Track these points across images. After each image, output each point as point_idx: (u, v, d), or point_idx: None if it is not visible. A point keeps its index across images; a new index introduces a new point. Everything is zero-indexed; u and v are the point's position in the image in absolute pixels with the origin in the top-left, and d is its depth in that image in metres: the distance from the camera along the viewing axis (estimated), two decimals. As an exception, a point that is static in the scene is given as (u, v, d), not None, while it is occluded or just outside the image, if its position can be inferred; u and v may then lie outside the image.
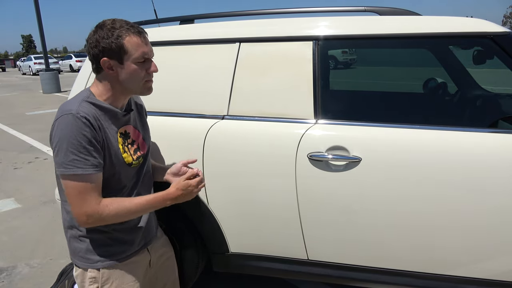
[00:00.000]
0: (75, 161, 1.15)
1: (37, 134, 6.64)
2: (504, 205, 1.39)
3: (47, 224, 3.16)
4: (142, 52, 1.22)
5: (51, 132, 1.19)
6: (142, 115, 1.47)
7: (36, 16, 12.76)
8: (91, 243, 1.28)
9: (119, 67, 1.21)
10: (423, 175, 1.45)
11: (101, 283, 1.30)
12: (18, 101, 12.01)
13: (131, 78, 1.23)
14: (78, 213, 1.19)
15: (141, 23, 2.00)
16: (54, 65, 22.57)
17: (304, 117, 1.61)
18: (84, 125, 1.16)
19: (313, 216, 1.60)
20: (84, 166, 1.16)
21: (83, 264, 1.30)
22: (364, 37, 1.61)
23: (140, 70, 1.23)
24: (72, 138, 1.14)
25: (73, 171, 1.15)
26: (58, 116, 1.18)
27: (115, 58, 1.20)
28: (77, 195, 1.17)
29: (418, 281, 1.58)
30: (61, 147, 1.15)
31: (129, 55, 1.20)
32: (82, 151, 1.15)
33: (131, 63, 1.21)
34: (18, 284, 2.34)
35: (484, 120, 1.81)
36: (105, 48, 1.19)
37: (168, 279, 1.59)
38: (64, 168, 1.15)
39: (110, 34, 1.18)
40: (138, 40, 1.21)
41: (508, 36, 1.49)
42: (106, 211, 1.19)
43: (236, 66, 1.71)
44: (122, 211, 1.22)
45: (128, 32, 1.20)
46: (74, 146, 1.14)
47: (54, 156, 1.19)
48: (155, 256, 1.49)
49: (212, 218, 1.72)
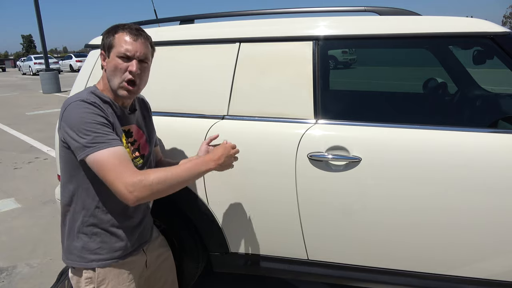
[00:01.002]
0: (97, 137, 1.14)
1: (37, 134, 6.64)
2: (504, 205, 1.39)
3: (47, 224, 3.16)
4: (126, 49, 1.24)
5: (61, 122, 1.19)
6: (147, 116, 1.49)
7: (36, 16, 12.76)
8: (88, 241, 1.28)
9: (107, 60, 1.27)
10: (423, 175, 1.45)
11: (97, 283, 1.30)
12: (18, 101, 12.01)
13: (111, 71, 1.26)
14: (121, 188, 1.11)
15: (141, 23, 2.00)
16: (54, 65, 22.58)
17: (304, 117, 1.61)
18: (95, 108, 1.18)
19: (313, 216, 1.60)
20: (107, 141, 1.15)
21: (78, 264, 1.30)
22: (364, 37, 1.61)
23: (120, 65, 1.24)
24: (87, 118, 1.15)
25: (99, 146, 1.13)
26: (66, 105, 1.19)
27: (106, 51, 1.27)
28: (111, 171, 1.11)
29: (418, 281, 1.58)
30: (78, 131, 1.14)
31: (114, 49, 1.25)
32: (100, 128, 1.16)
33: (114, 56, 1.25)
34: (18, 284, 2.34)
35: (484, 120, 1.80)
36: (104, 42, 1.28)
37: (167, 280, 1.59)
38: (88, 148, 1.13)
39: (111, 32, 1.27)
40: (127, 37, 1.25)
41: (508, 36, 1.49)
42: (148, 178, 1.12)
43: (236, 66, 1.71)
44: (163, 179, 1.15)
45: (123, 30, 1.26)
46: (91, 125, 1.15)
47: (72, 143, 1.15)
48: (152, 257, 1.49)
49: (212, 218, 1.73)
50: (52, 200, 3.56)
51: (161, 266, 1.55)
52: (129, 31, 1.26)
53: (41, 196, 3.78)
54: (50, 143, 5.86)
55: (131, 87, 1.26)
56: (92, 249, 1.28)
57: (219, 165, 1.29)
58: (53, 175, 4.33)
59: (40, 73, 13.99)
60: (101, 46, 1.30)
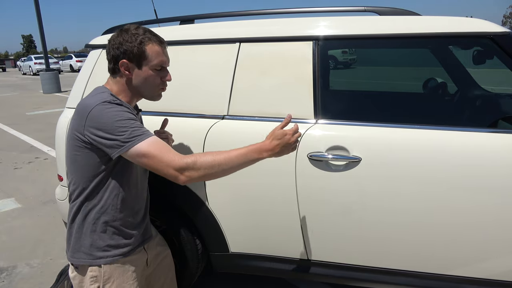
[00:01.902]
0: (134, 131, 1.17)
1: (37, 134, 6.64)
2: (504, 204, 1.39)
3: (47, 224, 3.16)
4: (161, 61, 1.28)
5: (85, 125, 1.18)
6: (141, 117, 1.53)
7: (36, 16, 12.76)
8: (97, 239, 1.30)
9: (136, 71, 1.27)
10: (423, 175, 1.45)
11: (103, 282, 1.31)
12: (18, 101, 12.01)
13: (145, 83, 1.29)
14: (172, 172, 1.15)
15: (141, 23, 2.00)
16: (54, 65, 22.58)
17: (304, 117, 1.61)
18: (123, 107, 1.22)
19: (313, 216, 1.60)
20: (144, 133, 1.19)
21: (85, 261, 1.30)
22: (364, 37, 1.61)
23: (156, 77, 1.29)
24: (119, 117, 1.17)
25: (139, 139, 1.16)
26: (89, 109, 1.19)
27: (134, 62, 1.26)
28: (158, 157, 1.15)
29: (418, 281, 1.58)
30: (112, 130, 1.16)
31: (148, 61, 1.26)
32: (134, 123, 1.19)
33: (148, 69, 1.27)
34: (18, 284, 2.34)
35: (484, 120, 1.80)
36: (127, 51, 1.25)
37: (166, 278, 1.60)
38: (128, 142, 1.16)
39: (134, 39, 1.25)
40: (159, 49, 1.28)
41: (508, 36, 1.49)
42: (197, 162, 1.15)
43: (236, 66, 1.71)
44: (212, 163, 1.16)
45: (150, 40, 1.27)
46: (125, 122, 1.18)
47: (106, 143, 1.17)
48: (152, 255, 1.51)
49: (212, 218, 1.73)
50: (52, 200, 3.56)
51: (160, 265, 1.57)
52: (155, 41, 1.28)
53: (41, 196, 3.78)
54: (50, 143, 5.86)
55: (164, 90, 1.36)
56: (100, 246, 1.30)
57: (274, 154, 1.22)
58: (53, 175, 4.33)
59: (40, 73, 14.00)
60: (121, 54, 1.24)
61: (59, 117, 1.98)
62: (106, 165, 1.24)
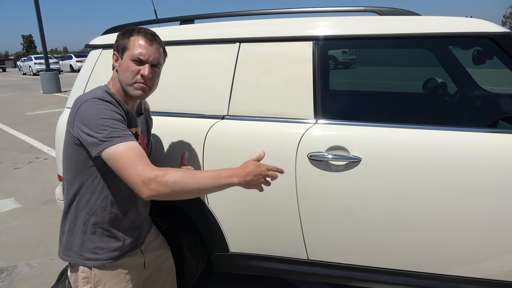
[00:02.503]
0: (113, 132, 1.14)
1: (37, 134, 6.64)
2: (504, 204, 1.39)
3: (47, 224, 3.16)
4: (140, 53, 1.25)
5: (74, 120, 1.18)
6: (148, 120, 1.52)
7: (36, 16, 12.76)
8: (87, 240, 1.29)
9: (120, 62, 1.28)
10: (423, 175, 1.45)
11: (94, 283, 1.31)
12: (18, 101, 12.01)
13: (123, 73, 1.27)
14: (137, 181, 1.09)
15: (141, 23, 2.00)
16: (54, 65, 22.57)
17: (304, 117, 1.61)
18: (112, 105, 1.20)
19: (313, 216, 1.60)
20: (123, 135, 1.15)
21: (76, 260, 1.30)
22: (364, 37, 1.61)
23: (132, 68, 1.25)
24: (103, 114, 1.16)
25: (115, 141, 1.12)
26: (80, 103, 1.19)
27: (120, 52, 1.28)
28: (127, 164, 1.10)
29: (418, 281, 1.58)
30: (94, 126, 1.14)
31: (129, 51, 1.26)
32: (116, 123, 1.16)
33: (127, 58, 1.26)
34: (18, 284, 2.34)
35: (484, 120, 1.80)
36: (118, 44, 1.29)
37: (166, 280, 1.60)
38: (105, 142, 1.12)
39: (127, 34, 1.28)
40: (142, 41, 1.26)
41: (508, 36, 1.49)
42: (165, 175, 1.09)
43: (236, 66, 1.71)
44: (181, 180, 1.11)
45: (138, 34, 1.27)
46: (107, 121, 1.15)
47: (87, 140, 1.15)
48: (151, 258, 1.50)
49: (212, 218, 1.73)
50: (52, 200, 3.56)
51: (161, 267, 1.56)
52: (144, 35, 1.27)
53: (41, 196, 3.78)
54: (50, 143, 5.86)
55: (144, 85, 1.27)
56: (90, 248, 1.29)
57: (244, 182, 1.18)
58: (53, 175, 4.33)
59: (40, 73, 14.00)
60: (114, 47, 1.31)
61: (59, 117, 1.98)
62: (94, 162, 1.23)
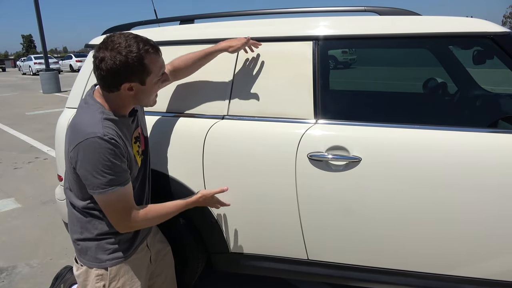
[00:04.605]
0: (113, 180, 1.18)
1: (37, 134, 6.63)
2: (504, 204, 1.39)
3: (47, 224, 3.16)
4: (161, 68, 1.25)
5: (75, 155, 1.17)
6: (140, 111, 1.49)
7: (36, 16, 12.76)
8: (102, 243, 1.31)
9: (139, 87, 1.21)
10: (423, 175, 1.45)
11: (109, 280, 1.32)
12: (18, 101, 12.00)
13: (148, 94, 1.27)
14: (122, 225, 1.27)
15: (141, 23, 2.00)
16: (54, 65, 22.57)
17: (304, 117, 1.61)
18: (113, 146, 1.16)
19: (313, 216, 1.60)
20: (121, 183, 1.20)
21: (91, 264, 1.31)
22: (364, 37, 1.61)
23: (158, 87, 1.29)
24: (105, 160, 1.15)
25: (113, 189, 1.18)
26: (81, 139, 1.15)
27: (137, 81, 1.19)
28: (118, 210, 1.23)
29: (418, 281, 1.58)
30: (94, 171, 1.15)
31: (152, 75, 1.21)
32: (117, 170, 1.18)
33: (152, 82, 1.24)
34: (18, 284, 2.34)
35: (484, 120, 1.80)
36: (128, 74, 1.16)
37: (167, 274, 1.63)
38: (102, 189, 1.17)
39: (131, 57, 1.14)
40: (157, 57, 1.22)
41: (508, 36, 1.49)
42: (145, 220, 1.29)
43: (236, 66, 1.71)
44: (157, 217, 1.34)
45: (148, 52, 1.17)
46: (108, 167, 1.16)
47: (85, 179, 1.18)
48: (153, 252, 1.53)
49: (212, 218, 1.72)
50: (52, 200, 3.56)
51: (162, 262, 1.59)
52: (153, 51, 1.19)
53: (41, 196, 3.78)
54: (50, 143, 5.86)
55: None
56: (106, 249, 1.31)
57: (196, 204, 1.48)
58: (53, 175, 4.33)
59: (40, 73, 13.98)
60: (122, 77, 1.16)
61: (59, 117, 1.98)
62: None
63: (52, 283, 1.91)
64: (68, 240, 1.42)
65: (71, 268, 1.84)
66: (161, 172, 1.71)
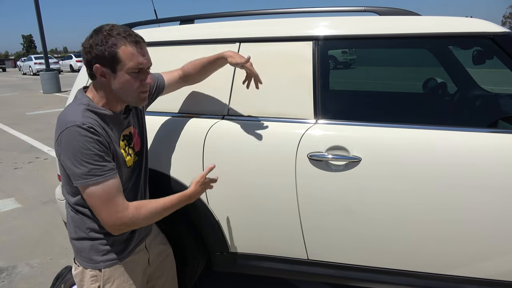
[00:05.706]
0: (94, 169, 1.15)
1: (37, 134, 6.64)
2: (504, 204, 1.39)
3: (47, 224, 3.16)
4: (137, 63, 1.18)
5: (58, 146, 1.17)
6: (138, 113, 1.45)
7: (36, 16, 12.76)
8: (95, 243, 1.29)
9: (112, 76, 1.19)
10: (423, 175, 1.45)
11: (103, 281, 1.31)
12: (18, 101, 12.01)
13: (123, 88, 1.21)
14: (110, 223, 1.19)
15: (141, 23, 2.00)
16: (54, 65, 22.56)
17: (304, 117, 1.61)
18: (92, 134, 1.15)
19: (313, 216, 1.60)
20: (103, 173, 1.16)
21: (85, 264, 1.31)
22: (364, 37, 1.61)
23: (134, 81, 1.20)
24: (84, 148, 1.13)
25: (94, 180, 1.15)
26: (62, 129, 1.15)
27: (108, 66, 1.17)
28: (104, 204, 1.17)
29: (418, 281, 1.58)
30: (75, 160, 1.14)
31: (122, 64, 1.17)
32: (97, 159, 1.15)
33: (124, 73, 1.18)
34: (18, 284, 2.34)
35: (484, 120, 1.80)
36: (98, 55, 1.15)
37: (168, 276, 1.61)
38: (84, 179, 1.15)
39: (105, 41, 1.15)
40: (133, 50, 1.17)
41: (508, 36, 1.49)
42: (136, 216, 1.21)
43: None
44: (150, 214, 1.25)
45: (124, 41, 1.16)
46: (88, 156, 1.14)
47: (68, 170, 1.17)
48: (153, 255, 1.51)
49: (212, 218, 1.73)
50: (52, 200, 3.56)
51: (162, 264, 1.58)
52: (130, 42, 1.17)
53: (41, 196, 3.78)
54: (50, 143, 5.87)
55: (148, 91, 1.29)
56: (99, 250, 1.30)
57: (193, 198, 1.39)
58: (53, 175, 4.33)
59: (40, 73, 13.99)
60: (93, 59, 1.16)
61: (59, 117, 1.98)
62: None
63: (53, 283, 1.91)
64: (68, 240, 1.42)
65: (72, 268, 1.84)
66: (160, 172, 1.71)
